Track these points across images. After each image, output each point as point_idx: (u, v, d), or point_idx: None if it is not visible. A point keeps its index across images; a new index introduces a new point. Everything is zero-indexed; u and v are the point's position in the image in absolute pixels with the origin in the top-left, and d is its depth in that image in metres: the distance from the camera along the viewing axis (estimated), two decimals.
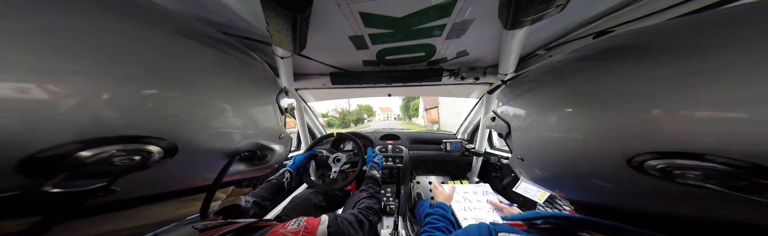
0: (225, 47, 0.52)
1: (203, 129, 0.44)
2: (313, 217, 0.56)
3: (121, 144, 0.32)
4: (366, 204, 0.83)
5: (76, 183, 0.32)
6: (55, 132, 0.27)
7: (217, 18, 0.77)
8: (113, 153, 0.31)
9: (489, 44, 1.04)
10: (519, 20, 0.68)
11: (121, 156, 0.32)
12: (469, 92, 1.72)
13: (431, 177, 2.38)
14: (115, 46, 0.31)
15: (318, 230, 0.50)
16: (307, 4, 0.60)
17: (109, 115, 0.30)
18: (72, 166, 0.29)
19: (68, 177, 0.30)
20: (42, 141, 0.26)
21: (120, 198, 0.39)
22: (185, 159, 0.42)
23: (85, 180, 0.32)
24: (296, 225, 0.50)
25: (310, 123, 2.02)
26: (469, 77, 1.27)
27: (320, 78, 1.38)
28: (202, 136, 0.44)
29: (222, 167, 0.50)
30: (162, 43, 0.38)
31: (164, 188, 0.47)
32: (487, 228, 0.51)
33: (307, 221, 0.52)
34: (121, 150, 0.32)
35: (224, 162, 0.51)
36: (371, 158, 1.30)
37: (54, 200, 0.31)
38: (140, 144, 0.34)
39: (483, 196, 1.37)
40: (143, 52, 0.34)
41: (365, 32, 0.88)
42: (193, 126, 0.41)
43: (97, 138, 0.29)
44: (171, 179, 0.46)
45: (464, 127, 2.15)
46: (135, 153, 0.33)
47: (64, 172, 0.29)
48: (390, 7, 0.72)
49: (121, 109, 0.31)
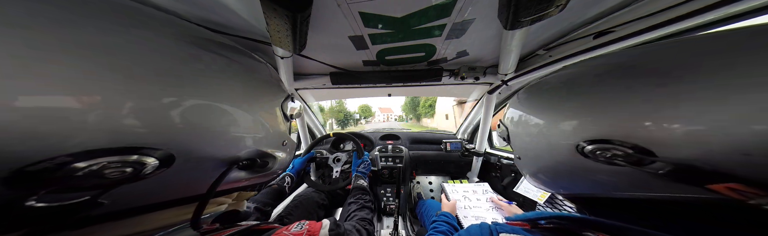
0: (228, 52, 0.51)
1: (204, 137, 0.42)
2: (315, 221, 0.57)
3: (114, 155, 0.30)
4: (359, 217, 0.83)
5: (61, 197, 0.30)
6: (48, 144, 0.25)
7: (217, 18, 0.77)
8: (105, 165, 0.30)
9: (489, 44, 1.04)
10: (519, 20, 0.68)
11: (113, 169, 0.30)
12: (469, 92, 1.72)
13: (431, 177, 2.38)
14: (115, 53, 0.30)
15: (319, 233, 0.51)
16: (307, 4, 0.60)
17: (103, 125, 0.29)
18: (60, 179, 0.28)
19: (54, 191, 0.29)
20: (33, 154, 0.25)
21: (111, 210, 0.37)
22: (184, 168, 0.41)
23: (71, 194, 0.31)
24: (299, 227, 0.51)
25: (310, 123, 2.02)
26: (469, 77, 1.27)
27: (320, 78, 1.38)
28: (202, 145, 0.43)
29: (217, 176, 0.48)
30: (164, 49, 0.37)
31: (161, 197, 0.45)
32: (489, 228, 0.51)
33: (310, 224, 0.54)
34: (114, 162, 0.30)
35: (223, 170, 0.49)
36: (356, 166, 1.28)
37: (36, 214, 0.29)
38: (134, 156, 0.32)
39: (483, 195, 1.38)
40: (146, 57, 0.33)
41: (365, 32, 0.88)
42: (193, 135, 0.40)
43: (90, 150, 0.28)
44: (169, 188, 0.45)
45: (464, 127, 2.15)
46: (127, 164, 0.32)
47: (51, 186, 0.28)
48: (390, 7, 0.72)
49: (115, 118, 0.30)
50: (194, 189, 0.49)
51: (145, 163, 0.33)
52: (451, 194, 1.39)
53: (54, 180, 0.28)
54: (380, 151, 1.89)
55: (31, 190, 0.27)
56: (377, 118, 72.18)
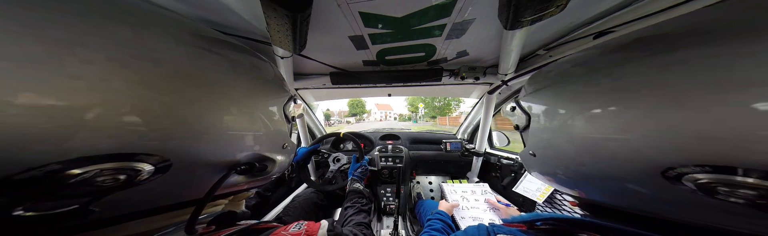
0: (233, 50, 0.49)
1: (204, 141, 0.40)
2: (313, 222, 0.57)
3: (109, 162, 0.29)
4: (356, 221, 0.83)
5: (49, 205, 0.28)
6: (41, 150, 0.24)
7: (217, 18, 0.77)
8: (97, 173, 0.28)
9: (489, 44, 1.04)
10: (519, 20, 0.68)
11: (105, 176, 0.29)
12: (469, 92, 1.72)
13: (431, 177, 2.38)
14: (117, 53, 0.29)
15: (317, 234, 0.52)
16: (307, 4, 0.60)
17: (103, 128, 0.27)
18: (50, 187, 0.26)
19: (43, 199, 0.27)
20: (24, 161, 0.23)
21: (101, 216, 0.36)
22: (180, 173, 0.39)
23: (60, 201, 0.29)
24: (297, 228, 0.52)
25: (310, 123, 2.02)
26: (469, 77, 1.27)
27: (320, 78, 1.38)
28: (202, 149, 0.41)
29: (216, 181, 0.46)
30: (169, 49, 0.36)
31: (154, 203, 0.43)
32: (486, 229, 0.52)
33: (308, 225, 0.54)
34: (108, 170, 0.29)
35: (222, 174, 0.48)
36: (353, 170, 1.27)
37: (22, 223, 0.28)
38: (129, 162, 0.30)
39: (481, 195, 1.38)
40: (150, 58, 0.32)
41: (365, 32, 0.88)
42: (193, 138, 0.38)
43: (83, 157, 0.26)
44: (165, 193, 0.43)
45: (464, 127, 2.15)
46: (121, 172, 0.30)
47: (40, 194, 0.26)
48: (390, 7, 0.72)
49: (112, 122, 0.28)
50: (190, 193, 0.47)
51: (139, 170, 0.32)
52: (449, 194, 1.39)
53: (43, 189, 0.26)
54: (380, 151, 1.89)
55: (19, 199, 0.26)
56: (373, 117, 62.43)
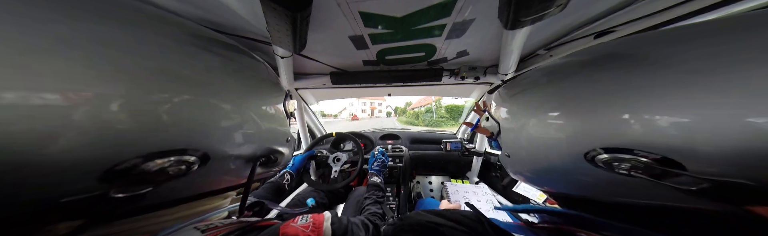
0: (230, 51, 0.52)
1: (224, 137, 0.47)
2: (318, 214, 0.58)
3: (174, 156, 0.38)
4: (371, 211, 0.88)
5: (127, 189, 0.36)
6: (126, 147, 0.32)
7: (216, 18, 0.77)
8: (169, 164, 0.37)
9: (489, 44, 1.04)
10: (519, 20, 0.68)
11: (174, 166, 0.38)
12: (469, 92, 1.72)
13: (431, 176, 2.38)
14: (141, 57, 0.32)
15: (323, 225, 0.54)
16: (307, 4, 0.60)
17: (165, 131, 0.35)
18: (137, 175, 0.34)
19: (127, 184, 0.35)
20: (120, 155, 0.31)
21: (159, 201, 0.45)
22: (213, 166, 0.46)
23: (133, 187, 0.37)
24: (304, 220, 0.53)
25: (310, 123, 2.02)
26: (470, 77, 1.27)
27: (320, 78, 1.38)
28: (225, 144, 0.48)
29: (250, 170, 0.56)
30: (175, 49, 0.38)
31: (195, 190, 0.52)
32: None
33: (313, 217, 0.56)
34: (175, 161, 0.38)
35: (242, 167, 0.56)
36: (370, 164, 1.29)
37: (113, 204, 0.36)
38: (184, 156, 0.39)
39: (482, 196, 1.38)
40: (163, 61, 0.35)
41: (365, 32, 0.87)
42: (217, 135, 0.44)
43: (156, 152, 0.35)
44: (203, 182, 0.52)
45: (464, 127, 2.15)
46: (181, 163, 0.39)
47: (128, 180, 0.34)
48: (390, 7, 0.72)
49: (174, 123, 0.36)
50: (219, 183, 0.57)
51: (191, 162, 0.40)
52: (452, 194, 1.39)
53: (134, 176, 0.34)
54: None
55: (116, 184, 0.34)
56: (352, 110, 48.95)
